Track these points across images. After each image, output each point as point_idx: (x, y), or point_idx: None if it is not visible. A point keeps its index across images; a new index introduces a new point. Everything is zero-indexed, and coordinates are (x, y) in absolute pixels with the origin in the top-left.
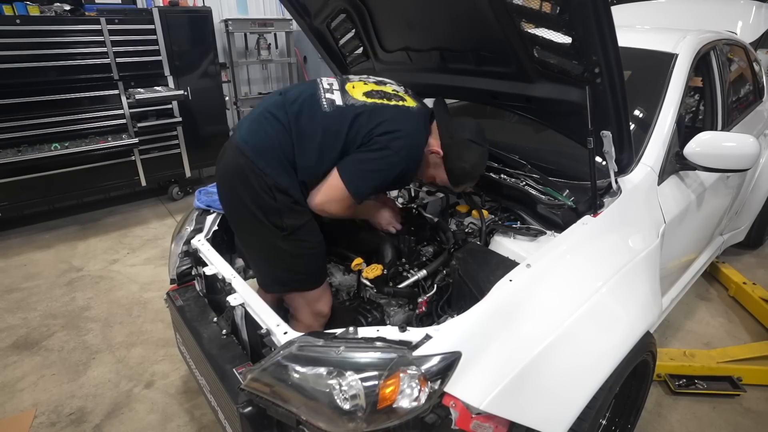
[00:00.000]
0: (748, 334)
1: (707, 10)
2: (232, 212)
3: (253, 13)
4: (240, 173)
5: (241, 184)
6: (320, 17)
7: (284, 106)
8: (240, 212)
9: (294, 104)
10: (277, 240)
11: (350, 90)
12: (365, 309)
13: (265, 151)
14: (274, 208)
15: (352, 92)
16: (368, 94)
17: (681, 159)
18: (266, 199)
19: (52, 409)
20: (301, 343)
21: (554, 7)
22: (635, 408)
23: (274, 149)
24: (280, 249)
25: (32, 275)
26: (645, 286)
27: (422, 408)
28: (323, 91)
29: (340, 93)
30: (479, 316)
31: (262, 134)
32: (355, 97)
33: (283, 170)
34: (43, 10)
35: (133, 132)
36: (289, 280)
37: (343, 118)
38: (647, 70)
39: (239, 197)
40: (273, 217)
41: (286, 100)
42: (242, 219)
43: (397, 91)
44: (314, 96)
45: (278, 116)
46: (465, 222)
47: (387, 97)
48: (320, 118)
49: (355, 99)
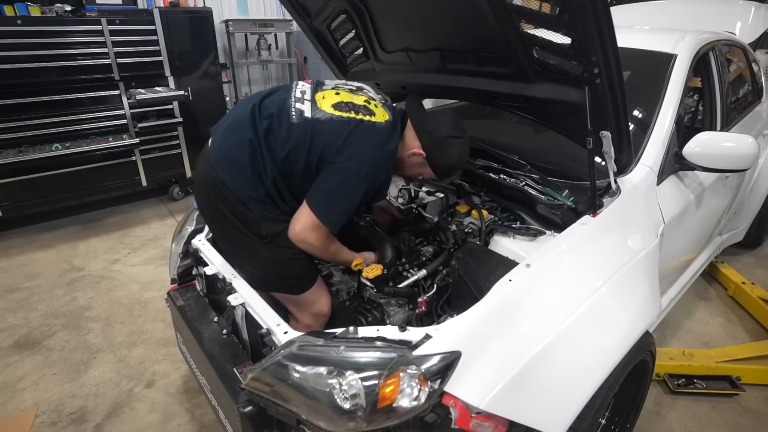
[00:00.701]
0: (747, 334)
1: (706, 11)
2: (211, 222)
3: (254, 14)
4: (213, 185)
5: (217, 197)
6: (320, 18)
7: (255, 119)
8: (219, 222)
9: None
10: (258, 248)
11: (319, 101)
12: (365, 309)
13: (235, 164)
14: (251, 218)
15: (320, 103)
16: (336, 106)
17: (680, 159)
18: (243, 210)
19: (53, 409)
20: (302, 343)
21: (554, 7)
22: (634, 407)
23: (244, 162)
24: (264, 257)
25: (33, 275)
26: (644, 285)
27: (422, 407)
28: (294, 100)
29: (309, 104)
30: (479, 316)
31: (232, 146)
32: (323, 108)
33: (254, 182)
34: (44, 10)
35: (133, 132)
36: (278, 284)
37: (307, 131)
38: (646, 70)
39: (217, 208)
40: (252, 226)
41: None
42: (222, 229)
43: (368, 102)
44: (284, 106)
45: (248, 129)
46: (465, 222)
47: (355, 109)
48: (287, 130)
49: (322, 111)
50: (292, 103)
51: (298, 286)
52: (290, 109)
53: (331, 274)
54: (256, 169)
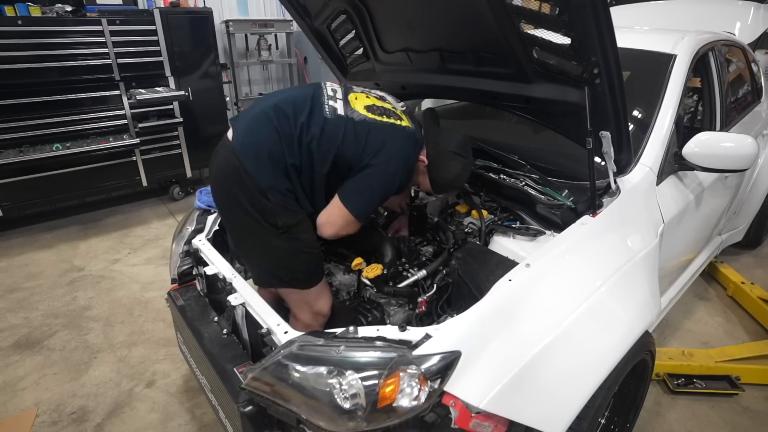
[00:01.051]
0: (747, 334)
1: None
2: (226, 212)
3: (254, 14)
4: (234, 174)
5: (236, 186)
6: (320, 18)
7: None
8: (235, 212)
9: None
10: (272, 238)
11: (352, 101)
12: (365, 308)
13: (260, 155)
14: (269, 208)
15: (354, 104)
16: (369, 108)
17: (680, 159)
18: (261, 200)
19: (53, 408)
20: (302, 343)
21: (553, 7)
22: (634, 407)
23: (270, 152)
24: (276, 247)
25: (34, 275)
26: (644, 285)
27: (422, 407)
28: (327, 97)
29: (342, 102)
30: (479, 316)
31: (259, 138)
32: (357, 109)
33: (277, 173)
34: (45, 11)
35: (134, 132)
36: (286, 278)
37: (341, 128)
38: (646, 70)
39: (235, 198)
40: (269, 216)
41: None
42: (238, 219)
43: (395, 108)
44: (317, 102)
45: (276, 121)
46: (465, 222)
47: (387, 113)
48: (319, 124)
49: (357, 111)
50: (326, 100)
51: (308, 280)
52: (324, 105)
53: (331, 273)
54: (281, 161)
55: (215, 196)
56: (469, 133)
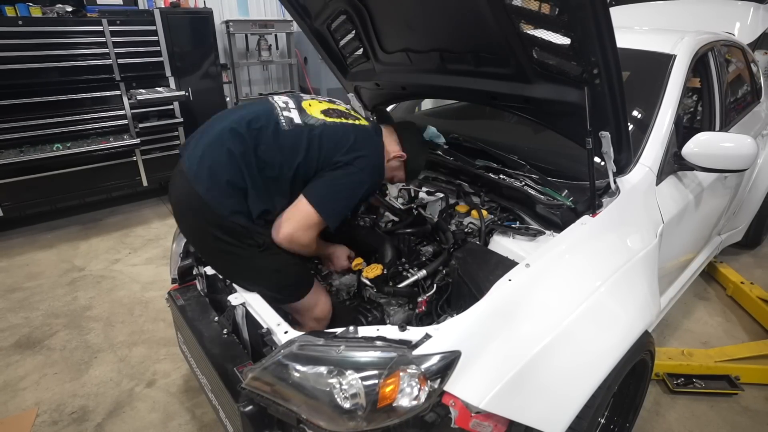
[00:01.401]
0: (746, 334)
1: (705, 12)
2: (198, 243)
3: (254, 15)
4: (194, 203)
5: (199, 214)
6: (320, 18)
7: (239, 132)
8: (207, 242)
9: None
10: (255, 259)
11: (307, 108)
12: (365, 308)
13: (219, 182)
14: (239, 231)
15: (309, 110)
16: (326, 113)
17: (679, 159)
18: (229, 225)
19: (54, 408)
20: (302, 343)
21: (553, 8)
22: (634, 407)
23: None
24: (261, 267)
25: (34, 275)
26: (643, 285)
27: (422, 407)
28: (280, 109)
29: (297, 111)
30: (479, 316)
31: (214, 163)
32: (313, 115)
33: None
34: (45, 11)
35: (134, 132)
36: (279, 297)
37: (302, 136)
38: (646, 71)
39: (202, 227)
40: (245, 238)
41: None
42: (213, 248)
43: (349, 110)
44: (272, 116)
45: (231, 142)
46: (464, 222)
47: (344, 115)
48: (280, 138)
49: (314, 117)
50: (279, 112)
51: (298, 291)
52: (278, 117)
53: (331, 273)
54: (241, 184)
55: (183, 230)
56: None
